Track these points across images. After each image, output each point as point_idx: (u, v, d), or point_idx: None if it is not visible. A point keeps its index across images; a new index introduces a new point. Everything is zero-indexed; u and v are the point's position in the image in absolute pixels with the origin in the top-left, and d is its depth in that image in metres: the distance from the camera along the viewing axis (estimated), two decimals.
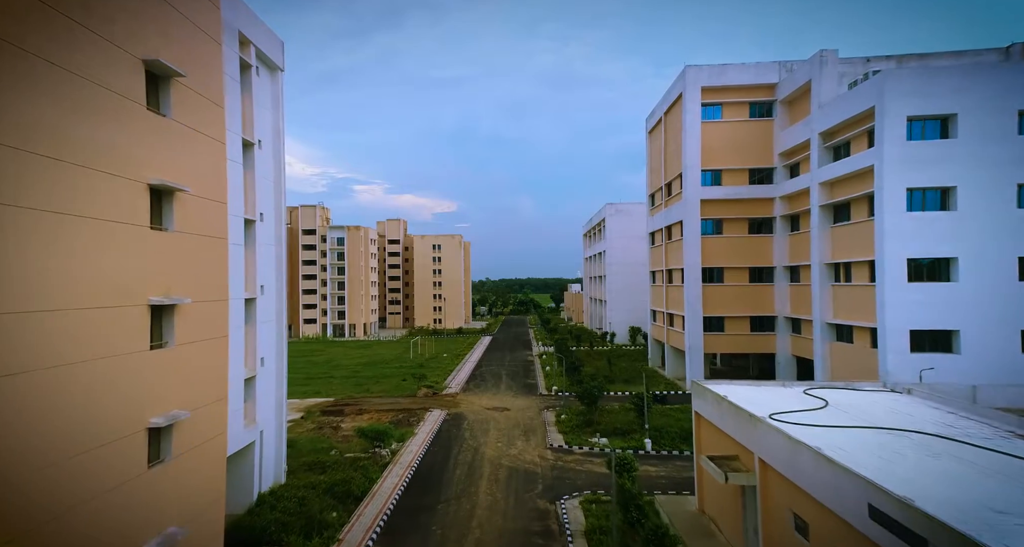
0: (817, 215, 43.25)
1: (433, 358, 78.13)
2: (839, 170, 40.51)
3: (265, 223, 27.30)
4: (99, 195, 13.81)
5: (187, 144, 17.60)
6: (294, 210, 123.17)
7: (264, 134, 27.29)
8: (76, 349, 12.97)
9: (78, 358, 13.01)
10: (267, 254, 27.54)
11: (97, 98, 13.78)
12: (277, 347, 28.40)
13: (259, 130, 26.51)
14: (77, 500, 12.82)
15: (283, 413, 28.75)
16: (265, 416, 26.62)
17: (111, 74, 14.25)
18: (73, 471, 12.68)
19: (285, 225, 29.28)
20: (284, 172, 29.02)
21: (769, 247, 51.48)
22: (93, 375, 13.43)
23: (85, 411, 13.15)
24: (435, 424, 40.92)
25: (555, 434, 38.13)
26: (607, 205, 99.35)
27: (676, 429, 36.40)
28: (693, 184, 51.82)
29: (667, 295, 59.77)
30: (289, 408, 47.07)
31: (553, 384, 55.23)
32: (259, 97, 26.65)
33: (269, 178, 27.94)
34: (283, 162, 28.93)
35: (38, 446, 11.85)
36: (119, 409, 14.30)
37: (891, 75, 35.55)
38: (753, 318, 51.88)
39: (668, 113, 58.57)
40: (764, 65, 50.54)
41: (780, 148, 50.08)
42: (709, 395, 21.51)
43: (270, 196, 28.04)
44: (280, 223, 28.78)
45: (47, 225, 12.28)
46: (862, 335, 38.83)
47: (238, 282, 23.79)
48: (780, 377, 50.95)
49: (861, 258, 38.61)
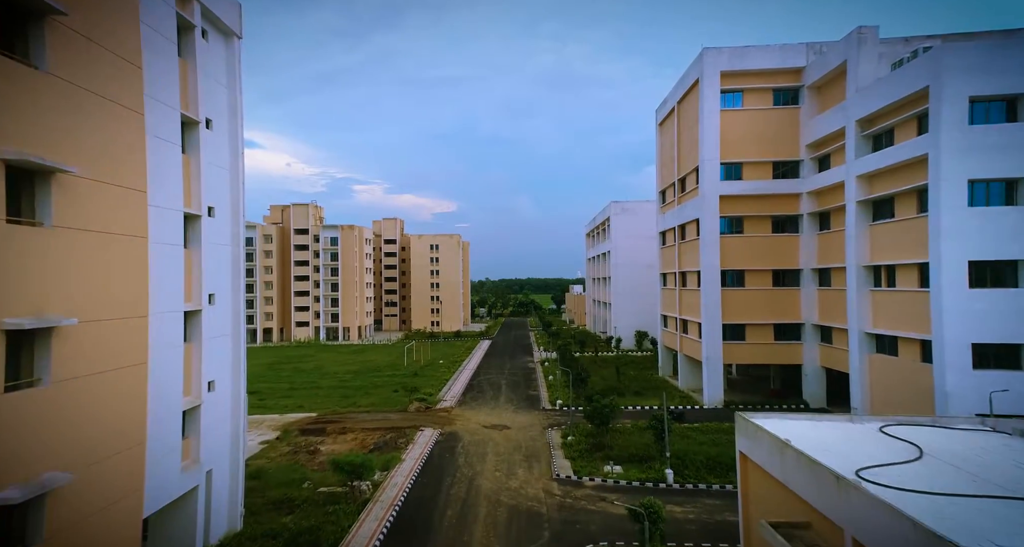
0: (854, 212, 38.65)
1: (428, 365, 73.53)
2: (882, 161, 35.91)
3: (217, 219, 22.70)
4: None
5: (77, 111, 13.03)
6: (286, 209, 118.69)
7: (215, 112, 22.69)
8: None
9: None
10: (219, 256, 22.94)
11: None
12: (233, 367, 23.79)
13: (207, 107, 21.92)
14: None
15: (241, 445, 24.17)
16: (214, 452, 22.04)
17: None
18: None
19: (244, 221, 24.67)
20: (243, 158, 24.41)
21: (795, 247, 46.86)
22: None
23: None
24: (426, 447, 36.31)
25: (561, 460, 33.53)
26: (612, 203, 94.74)
27: (700, 456, 31.80)
28: (711, 178, 47.20)
29: (681, 299, 55.14)
30: (265, 426, 42.66)
31: (557, 397, 50.63)
32: (208, 67, 22.06)
33: (223, 165, 23.35)
34: (241, 147, 24.33)
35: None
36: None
37: (949, 49, 30.95)
38: (777, 325, 47.24)
39: (682, 102, 53.95)
40: (790, 47, 45.94)
41: (808, 138, 45.46)
42: (764, 437, 16.97)
43: (224, 187, 23.43)
44: (238, 219, 24.16)
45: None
46: (910, 347, 34.22)
47: (175, 291, 19.22)
48: (807, 391, 46.35)
49: (909, 260, 34.02)
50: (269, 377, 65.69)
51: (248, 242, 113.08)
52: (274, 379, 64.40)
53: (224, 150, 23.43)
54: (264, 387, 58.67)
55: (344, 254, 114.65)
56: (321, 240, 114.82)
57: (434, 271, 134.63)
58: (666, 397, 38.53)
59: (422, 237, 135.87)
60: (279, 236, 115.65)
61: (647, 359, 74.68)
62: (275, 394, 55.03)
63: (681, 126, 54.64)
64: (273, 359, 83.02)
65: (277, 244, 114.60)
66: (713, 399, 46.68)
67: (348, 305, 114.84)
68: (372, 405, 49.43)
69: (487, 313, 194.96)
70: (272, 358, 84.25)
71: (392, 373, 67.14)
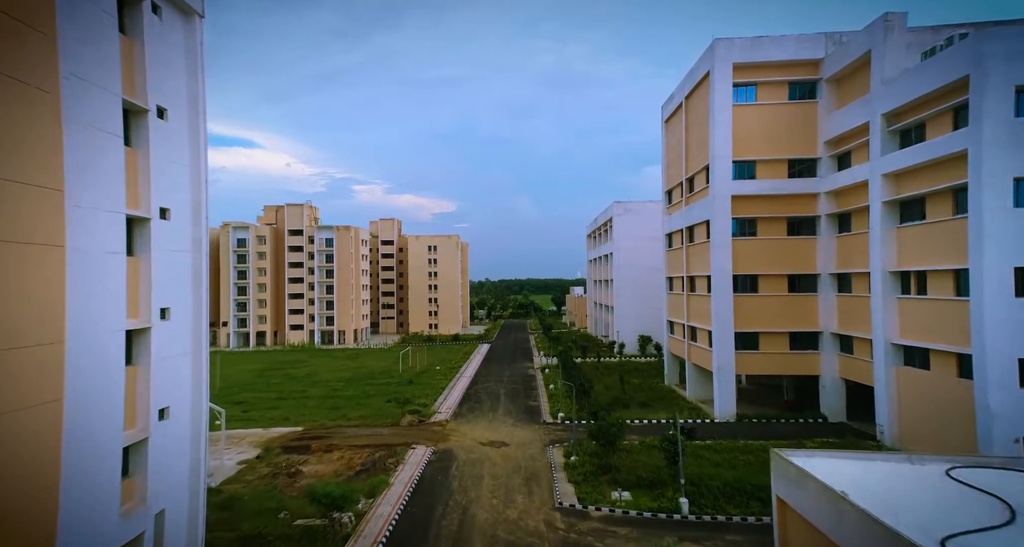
0: (879, 213, 35.86)
1: (424, 372, 70.69)
2: (912, 158, 33.10)
3: (173, 222, 19.86)
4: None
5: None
6: (280, 209, 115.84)
7: (171, 100, 19.85)
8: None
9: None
10: (176, 264, 20.10)
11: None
12: (193, 389, 20.95)
13: (160, 93, 19.10)
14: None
15: (201, 478, 21.31)
16: (168, 489, 19.19)
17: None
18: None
19: (207, 224, 21.80)
20: (205, 153, 21.57)
21: (811, 251, 44.03)
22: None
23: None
24: (417, 468, 33.48)
25: (564, 485, 30.70)
26: (614, 203, 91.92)
27: (717, 481, 28.91)
28: (722, 178, 44.37)
29: (689, 305, 52.30)
30: (247, 443, 39.80)
31: (559, 409, 47.77)
32: (161, 48, 19.23)
33: (181, 161, 20.51)
34: (204, 140, 21.49)
35: None
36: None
37: (991, 36, 28.14)
38: (793, 334, 44.39)
39: (691, 96, 51.13)
40: (807, 37, 43.10)
41: (826, 135, 42.65)
42: (810, 485, 14.17)
43: (183, 186, 20.59)
44: (200, 222, 21.32)
45: None
46: (944, 361, 31.40)
47: (113, 307, 16.39)
48: (825, 403, 43.50)
49: (943, 266, 31.22)
50: (257, 385, 62.87)
51: (241, 243, 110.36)
52: (262, 387, 61.57)
53: (182, 144, 20.57)
54: (251, 397, 55.88)
55: (340, 255, 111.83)
56: (316, 241, 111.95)
57: (432, 273, 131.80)
58: (670, 407, 35.68)
59: (420, 238, 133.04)
60: (273, 237, 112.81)
61: (651, 366, 71.84)
62: (261, 405, 52.21)
63: (690, 122, 51.81)
64: (264, 365, 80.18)
65: (271, 245, 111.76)
66: (725, 412, 43.84)
67: (344, 308, 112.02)
68: (363, 418, 46.59)
69: (486, 315, 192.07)
70: (263, 364, 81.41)
71: (386, 381, 64.31)
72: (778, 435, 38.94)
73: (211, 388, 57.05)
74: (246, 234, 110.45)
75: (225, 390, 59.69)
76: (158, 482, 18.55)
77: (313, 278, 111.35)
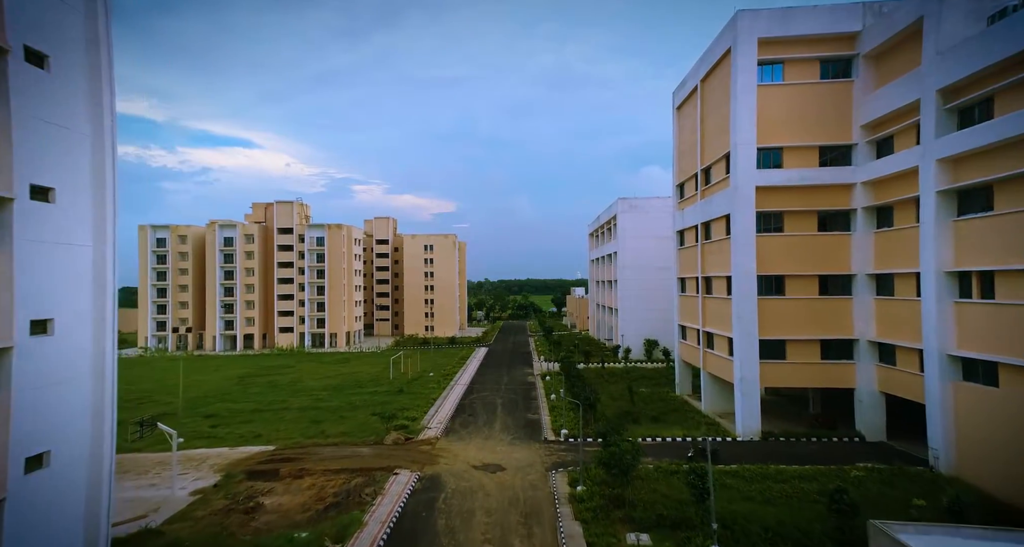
0: (933, 205, 31.09)
1: (417, 379, 65.90)
2: (975, 139, 28.34)
3: (59, 206, 15.11)
4: None
5: None
6: (269, 207, 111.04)
7: (54, 43, 15.09)
8: None
9: None
10: (67, 262, 15.34)
11: None
12: (93, 422, 16.17)
13: (36, 33, 14.33)
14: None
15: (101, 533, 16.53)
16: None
17: None
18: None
19: (115, 211, 17.01)
20: (113, 118, 16.79)
21: (845, 249, 39.25)
22: None
23: None
24: (398, 500, 28.66)
25: (570, 523, 25.89)
26: (619, 200, 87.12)
27: (754, 522, 24.13)
28: (745, 167, 39.56)
29: (705, 309, 47.51)
30: (207, 467, 34.91)
31: (562, 424, 42.94)
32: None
33: (75, 127, 15.73)
34: (110, 101, 16.71)
35: None
36: None
37: None
38: (824, 341, 39.59)
39: (707, 79, 46.34)
40: (843, 7, 38.30)
41: (864, 118, 37.89)
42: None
43: (78, 160, 15.83)
44: (105, 207, 16.54)
45: None
46: (1016, 377, 26.62)
47: None
48: (861, 419, 38.71)
49: (1017, 265, 26.44)
50: (234, 395, 58.07)
51: (228, 242, 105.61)
52: (239, 397, 56.76)
53: (75, 101, 15.82)
54: (223, 409, 51.10)
55: (331, 255, 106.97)
56: (307, 240, 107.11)
57: (428, 273, 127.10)
58: (701, 437, 30.87)
59: (416, 237, 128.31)
60: (262, 236, 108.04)
61: (660, 373, 67.00)
62: (234, 419, 47.39)
63: (706, 107, 47.03)
64: (247, 370, 75.41)
65: (259, 244, 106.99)
66: (749, 430, 39.02)
67: (335, 310, 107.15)
68: (343, 434, 41.78)
69: (484, 316, 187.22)
70: (246, 369, 76.64)
71: (375, 390, 59.50)
72: (813, 458, 34.15)
73: (177, 399, 52.57)
74: (233, 232, 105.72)
75: (197, 400, 54.89)
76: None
77: (303, 278, 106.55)
